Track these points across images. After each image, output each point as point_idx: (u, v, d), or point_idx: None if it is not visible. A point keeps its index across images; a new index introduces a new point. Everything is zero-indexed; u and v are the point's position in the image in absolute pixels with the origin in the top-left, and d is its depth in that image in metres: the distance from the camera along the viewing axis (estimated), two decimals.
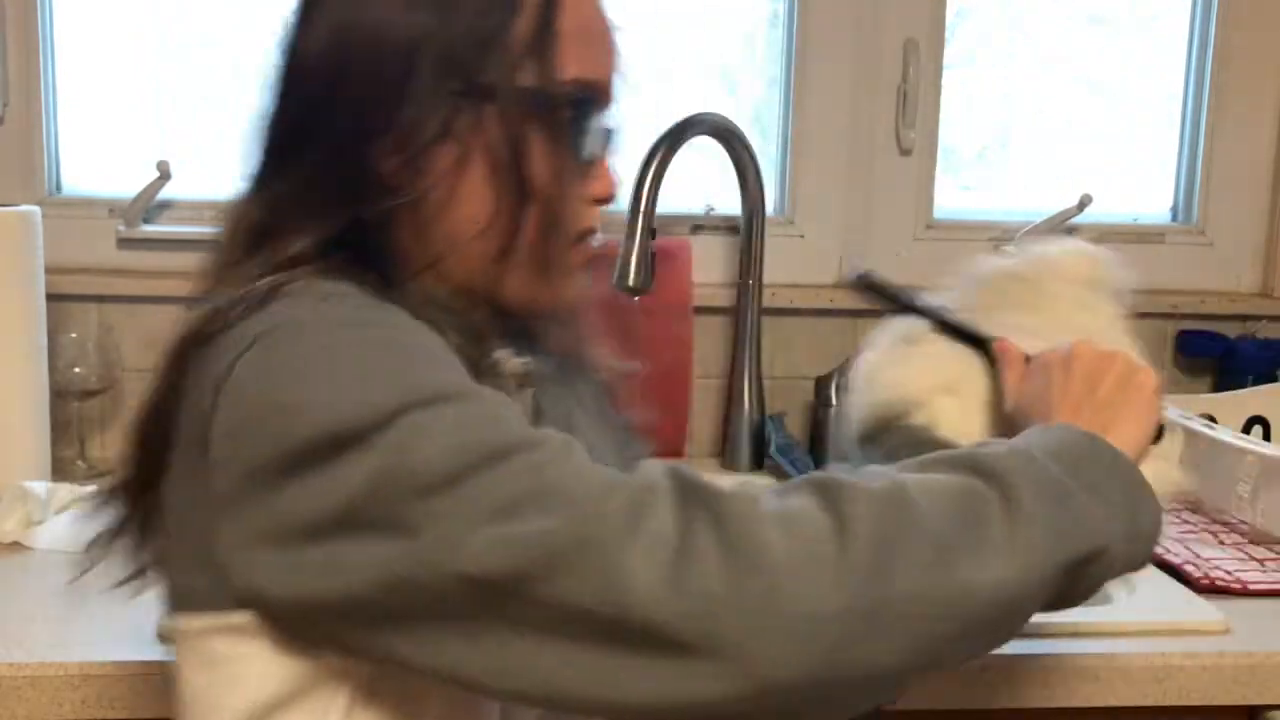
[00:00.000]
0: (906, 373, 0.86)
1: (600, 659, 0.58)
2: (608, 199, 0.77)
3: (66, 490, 1.24)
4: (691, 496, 0.60)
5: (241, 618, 0.65)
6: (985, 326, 0.88)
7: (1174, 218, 1.69)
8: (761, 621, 0.57)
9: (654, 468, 0.62)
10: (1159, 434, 0.80)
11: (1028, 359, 0.84)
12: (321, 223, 0.70)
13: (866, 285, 0.93)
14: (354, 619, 0.62)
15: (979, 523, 0.62)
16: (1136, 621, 1.04)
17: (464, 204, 0.71)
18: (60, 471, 1.36)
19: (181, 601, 0.69)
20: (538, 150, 0.70)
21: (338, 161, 0.70)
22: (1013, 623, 0.64)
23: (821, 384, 1.50)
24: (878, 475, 0.65)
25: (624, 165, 0.79)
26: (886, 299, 0.92)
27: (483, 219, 0.71)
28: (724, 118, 1.45)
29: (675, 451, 1.53)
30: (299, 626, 0.64)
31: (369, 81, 0.69)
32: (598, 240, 0.78)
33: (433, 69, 0.68)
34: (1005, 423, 0.82)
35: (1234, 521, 1.30)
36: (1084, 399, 0.76)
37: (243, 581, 0.63)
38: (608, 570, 0.57)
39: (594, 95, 0.74)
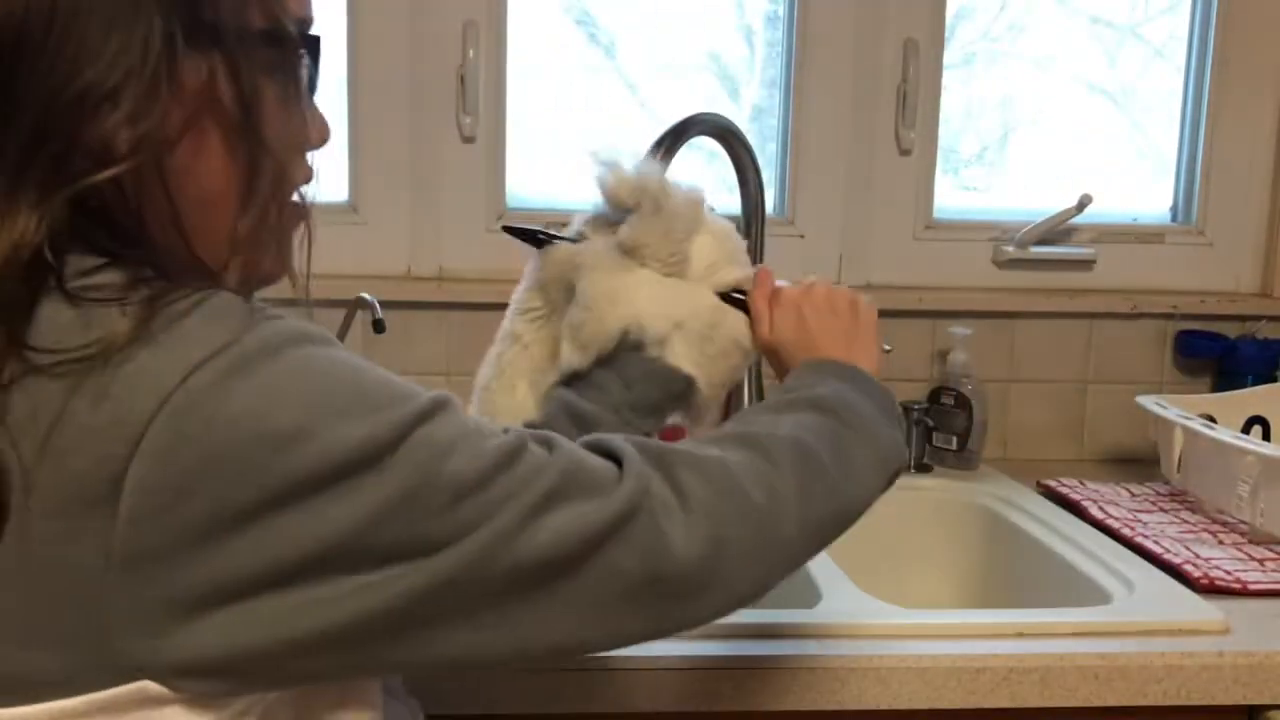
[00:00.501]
0: (645, 304, 0.89)
1: (620, 611, 0.65)
2: (324, 144, 0.71)
3: None
4: (658, 458, 0.69)
5: (125, 692, 0.57)
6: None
7: (1174, 218, 1.69)
8: (754, 555, 0.70)
9: (611, 440, 0.69)
10: None
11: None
12: (29, 209, 0.57)
13: (515, 232, 0.96)
14: (343, 646, 0.59)
15: (844, 451, 0.78)
16: (1136, 621, 1.04)
17: (202, 170, 0.62)
18: None
19: (10, 691, 0.57)
20: (270, 99, 0.63)
21: (36, 133, 0.58)
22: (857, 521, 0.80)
23: None
24: (765, 423, 0.78)
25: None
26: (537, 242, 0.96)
27: (222, 184, 0.63)
28: (724, 118, 1.45)
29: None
30: (242, 678, 0.59)
31: (69, 31, 0.58)
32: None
33: (150, 12, 0.59)
34: (764, 349, 0.93)
35: (1234, 521, 1.30)
36: (837, 333, 0.90)
37: (172, 645, 0.56)
38: (651, 539, 0.65)
39: (315, 35, 0.67)
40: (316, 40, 0.67)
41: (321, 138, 0.71)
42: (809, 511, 0.73)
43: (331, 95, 1.58)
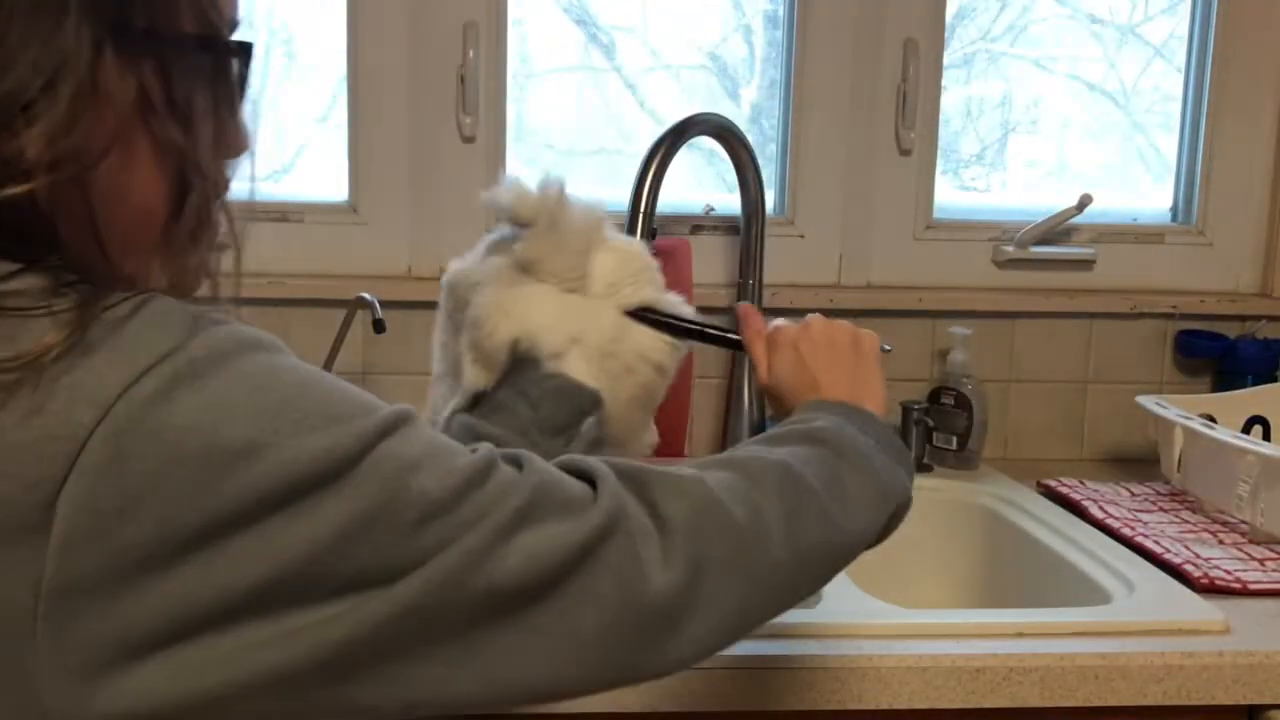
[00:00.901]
0: (539, 318, 0.86)
1: (597, 645, 0.61)
2: (246, 151, 0.65)
3: None
4: (634, 478, 0.65)
5: None
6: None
7: (1174, 218, 1.69)
8: (737, 577, 0.66)
9: (585, 460, 0.66)
10: None
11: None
12: None
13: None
14: (297, 688, 0.54)
15: (838, 480, 0.74)
16: (1136, 621, 1.04)
17: (130, 182, 0.58)
18: None
19: None
20: (201, 109, 0.59)
21: None
22: (854, 558, 0.77)
23: None
24: (752, 451, 0.74)
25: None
26: None
27: (150, 196, 0.59)
28: (724, 118, 1.45)
29: (675, 452, 1.53)
30: None
31: None
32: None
33: (77, 18, 0.54)
34: (764, 393, 0.90)
35: (1234, 521, 1.30)
36: (839, 372, 0.86)
37: (108, 693, 0.51)
38: (627, 562, 0.61)
39: (247, 40, 0.62)
40: (249, 45, 0.62)
41: (245, 146, 0.65)
42: (798, 535, 0.69)
43: (332, 95, 1.58)
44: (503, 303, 0.87)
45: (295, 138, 1.60)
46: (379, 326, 1.35)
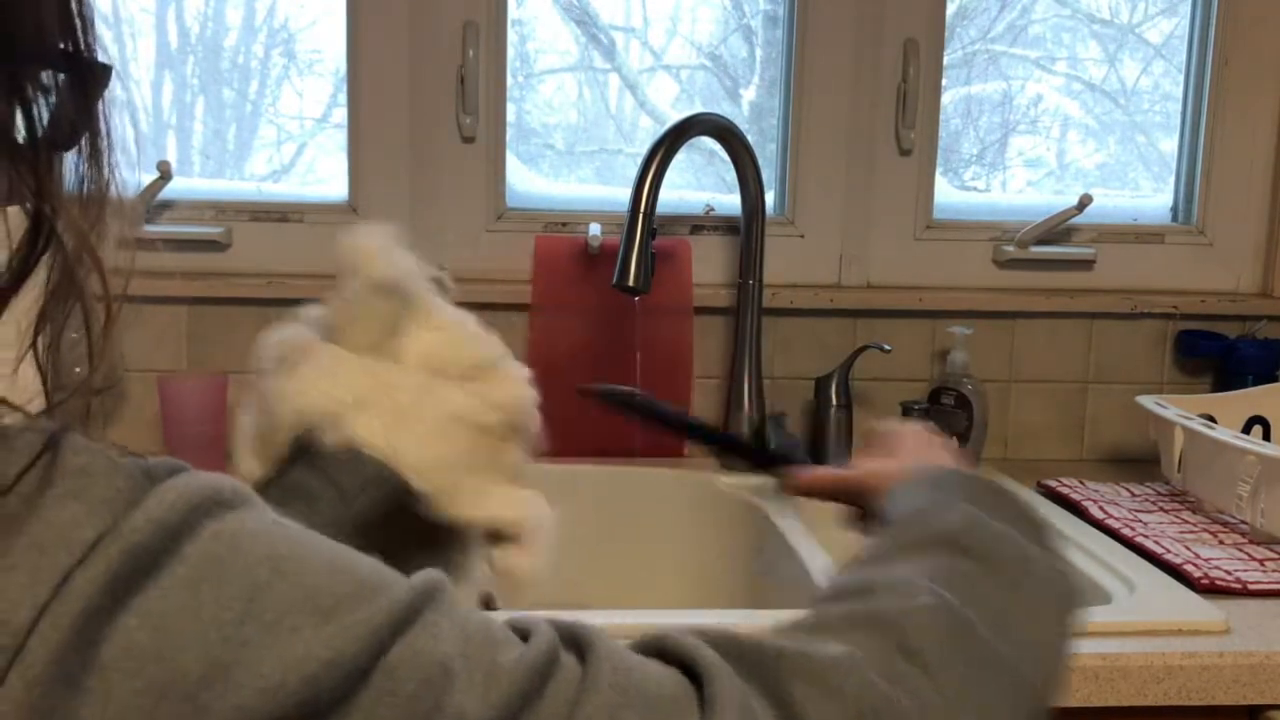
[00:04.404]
0: (303, 387, 0.75)
1: None
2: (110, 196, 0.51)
3: None
4: (759, 664, 0.48)
5: None
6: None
7: (1174, 218, 1.69)
8: None
9: (681, 640, 0.48)
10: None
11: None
12: None
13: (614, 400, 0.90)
14: None
15: (1004, 610, 0.57)
16: (1136, 621, 1.04)
17: None
18: None
19: None
20: (65, 141, 0.48)
21: None
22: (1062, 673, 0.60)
23: (822, 384, 1.50)
24: (893, 585, 0.55)
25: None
26: (643, 415, 0.91)
27: None
28: (724, 118, 1.45)
29: (675, 453, 1.53)
30: None
31: None
32: None
33: None
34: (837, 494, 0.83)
35: (1234, 521, 1.30)
36: (929, 451, 0.78)
37: None
38: None
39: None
40: (110, 69, 0.50)
41: (110, 192, 0.50)
42: (978, 713, 0.51)
43: (332, 95, 1.58)
44: (280, 385, 0.75)
45: (295, 138, 1.60)
46: None
